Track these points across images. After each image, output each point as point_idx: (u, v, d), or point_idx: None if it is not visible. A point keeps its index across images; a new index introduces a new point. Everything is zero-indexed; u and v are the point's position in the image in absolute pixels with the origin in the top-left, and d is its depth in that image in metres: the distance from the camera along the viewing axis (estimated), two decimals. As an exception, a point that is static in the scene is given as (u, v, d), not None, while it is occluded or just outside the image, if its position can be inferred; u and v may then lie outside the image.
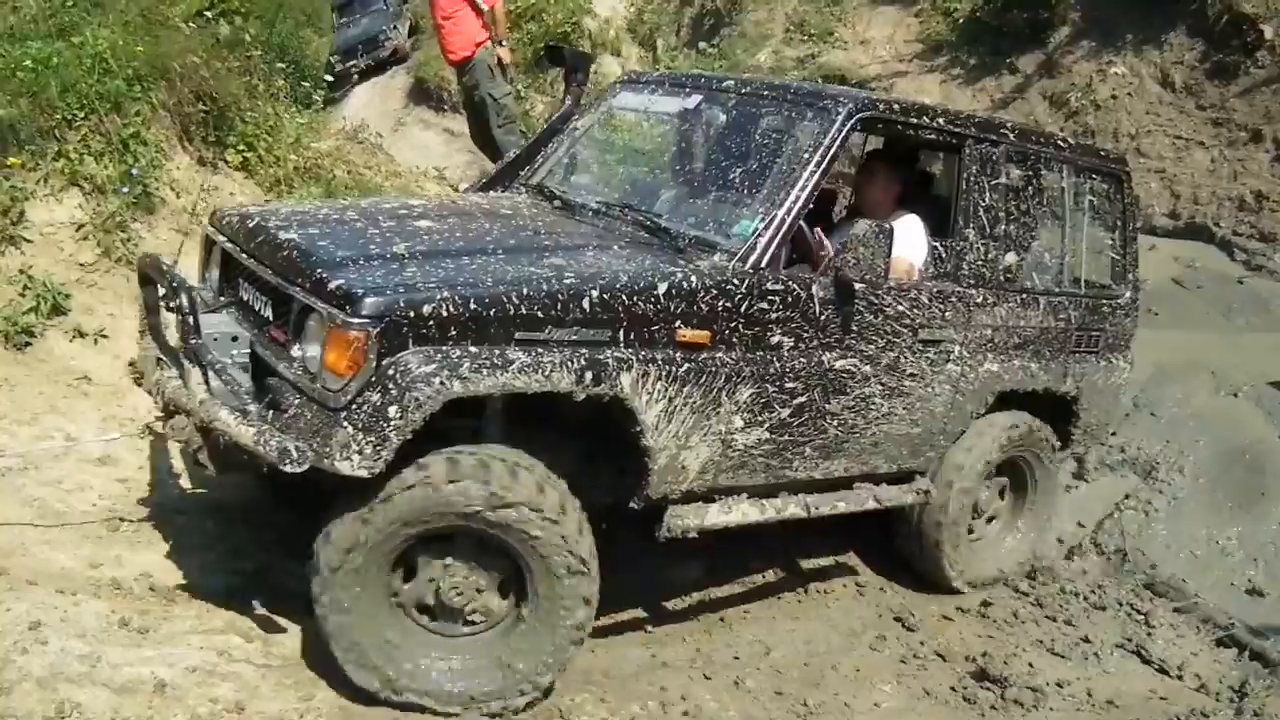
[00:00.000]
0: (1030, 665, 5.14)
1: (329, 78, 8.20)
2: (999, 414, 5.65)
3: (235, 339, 4.23)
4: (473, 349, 3.79)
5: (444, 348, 3.76)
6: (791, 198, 4.59)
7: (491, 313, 3.83)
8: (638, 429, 4.22)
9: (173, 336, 4.24)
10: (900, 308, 4.95)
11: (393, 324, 3.69)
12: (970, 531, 5.84)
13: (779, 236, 4.52)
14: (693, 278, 4.28)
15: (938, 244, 5.26)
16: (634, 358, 4.11)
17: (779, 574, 5.76)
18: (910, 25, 12.70)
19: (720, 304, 4.33)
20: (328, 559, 3.81)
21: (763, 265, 4.46)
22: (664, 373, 4.18)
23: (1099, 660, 5.37)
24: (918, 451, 5.40)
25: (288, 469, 3.66)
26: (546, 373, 3.89)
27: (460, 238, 4.49)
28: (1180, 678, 5.33)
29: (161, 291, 4.31)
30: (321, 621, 3.88)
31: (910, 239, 5.24)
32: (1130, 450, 7.05)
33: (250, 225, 4.47)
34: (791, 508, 4.90)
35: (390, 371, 3.67)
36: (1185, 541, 6.43)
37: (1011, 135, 5.49)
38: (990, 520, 5.99)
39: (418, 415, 3.67)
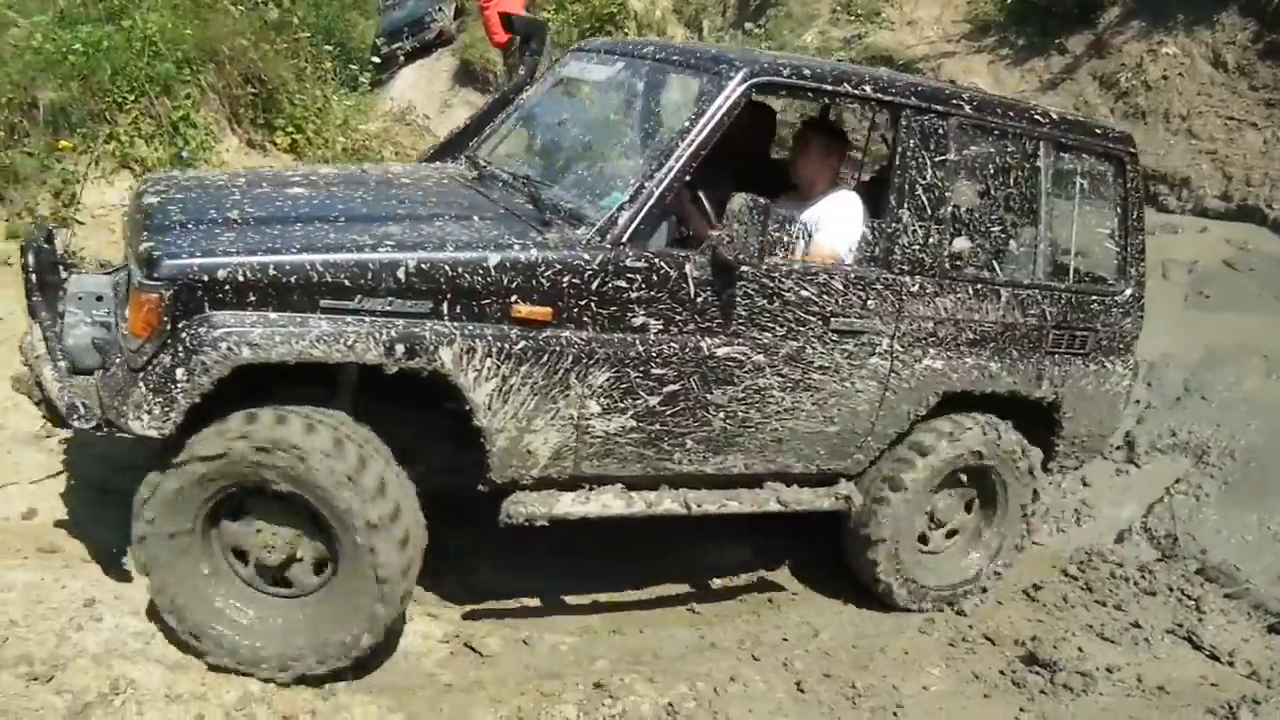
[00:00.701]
0: (1080, 650, 5.09)
1: (376, 60, 8.23)
2: (954, 417, 5.16)
3: (100, 299, 4.28)
4: (272, 315, 3.73)
5: (240, 313, 3.71)
6: (664, 169, 4.26)
7: (293, 280, 3.75)
8: (468, 408, 4.06)
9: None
10: (805, 293, 4.54)
11: (186, 287, 3.66)
12: (925, 542, 5.40)
13: (645, 210, 4.22)
14: (532, 251, 4.06)
15: (868, 226, 4.84)
16: (457, 332, 3.94)
17: (827, 556, 5.74)
18: (958, 5, 12.57)
19: (566, 280, 4.08)
20: (142, 510, 3.78)
21: (623, 240, 4.18)
22: (495, 350, 4.00)
23: (1149, 646, 5.30)
24: (840, 453, 4.97)
25: (76, 424, 3.73)
26: (349, 343, 3.78)
27: (313, 205, 4.34)
28: (1231, 664, 5.26)
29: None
30: (141, 571, 3.87)
31: (840, 221, 4.90)
32: (1181, 434, 6.95)
33: (139, 189, 4.50)
34: (667, 503, 4.59)
35: (182, 335, 3.65)
36: (1236, 526, 6.33)
37: (968, 106, 4.90)
38: (952, 533, 5.48)
39: (204, 379, 3.63)
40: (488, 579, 5.14)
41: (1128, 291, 5.48)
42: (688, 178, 4.36)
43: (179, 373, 3.62)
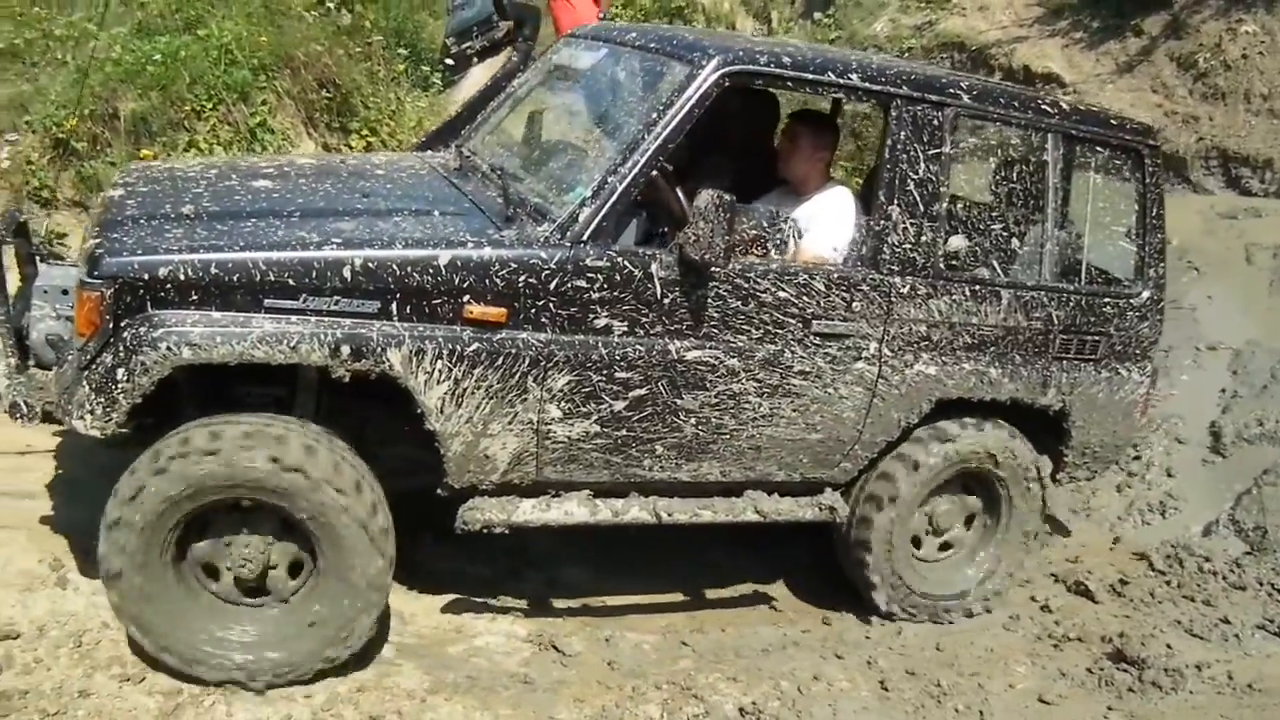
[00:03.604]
0: (1168, 646, 4.98)
1: (449, 61, 8.29)
2: (950, 423, 4.95)
3: (65, 292, 4.22)
4: (215, 314, 3.68)
5: (182, 312, 3.67)
6: (629, 164, 4.08)
7: (236, 278, 3.69)
8: (420, 411, 3.97)
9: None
10: (783, 294, 4.35)
11: (127, 286, 3.64)
12: (919, 547, 5.20)
13: (607, 206, 4.05)
14: (485, 249, 3.93)
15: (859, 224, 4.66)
16: (407, 333, 3.84)
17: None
18: (1030, -12, 12.41)
19: (521, 279, 3.94)
20: (111, 518, 3.68)
21: (584, 238, 4.03)
22: (446, 351, 3.89)
23: (1239, 642, 5.19)
24: (825, 461, 4.79)
25: (19, 422, 3.82)
26: (292, 344, 3.70)
27: (272, 199, 4.28)
28: (1325, 661, 5.16)
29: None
30: (104, 579, 3.74)
31: (831, 222, 4.73)
32: (1269, 423, 6.79)
33: (113, 179, 4.52)
34: (635, 511, 4.44)
35: (124, 334, 3.63)
36: (1328, 518, 6.20)
37: (965, 95, 4.64)
38: (951, 541, 5.29)
39: (144, 380, 3.60)
40: (570, 579, 5.18)
41: (1145, 294, 5.22)
42: (655, 172, 4.17)
43: (120, 372, 3.61)
